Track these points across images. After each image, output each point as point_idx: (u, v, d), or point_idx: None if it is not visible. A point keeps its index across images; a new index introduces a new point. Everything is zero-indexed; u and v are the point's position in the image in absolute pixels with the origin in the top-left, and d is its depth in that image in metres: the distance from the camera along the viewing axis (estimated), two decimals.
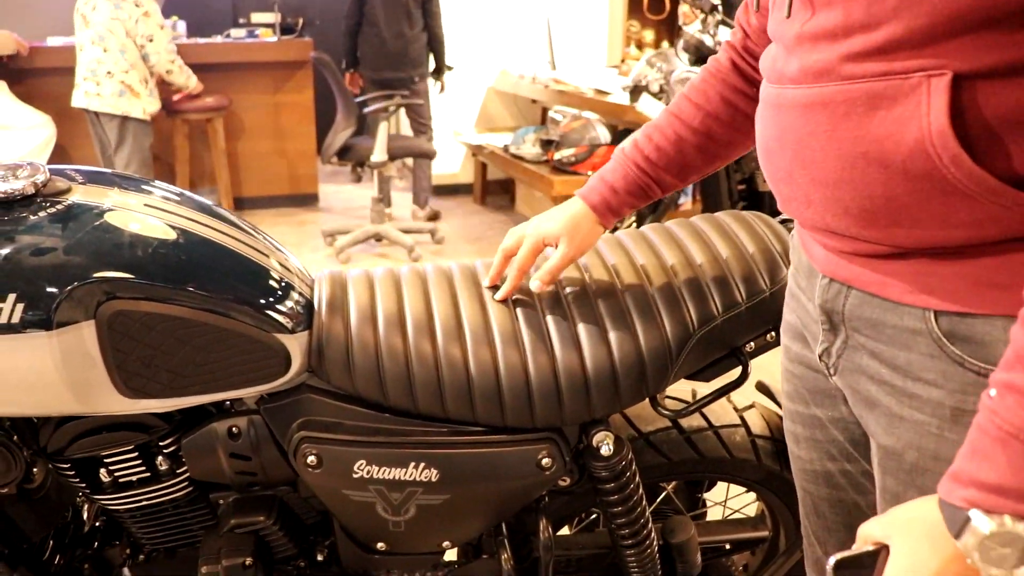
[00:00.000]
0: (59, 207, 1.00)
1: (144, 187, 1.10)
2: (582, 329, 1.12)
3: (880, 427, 0.80)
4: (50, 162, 4.84)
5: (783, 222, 1.27)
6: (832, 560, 0.70)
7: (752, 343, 1.17)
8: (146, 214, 1.04)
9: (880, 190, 0.70)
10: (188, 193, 1.14)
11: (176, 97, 4.84)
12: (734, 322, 1.13)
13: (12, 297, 0.93)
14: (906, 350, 0.75)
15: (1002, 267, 0.68)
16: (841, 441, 0.92)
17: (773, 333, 1.17)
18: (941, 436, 0.74)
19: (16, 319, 0.94)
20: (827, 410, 0.92)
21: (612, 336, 1.11)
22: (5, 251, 0.94)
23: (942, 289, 0.71)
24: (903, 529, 0.66)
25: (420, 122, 5.33)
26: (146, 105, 4.38)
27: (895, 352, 0.76)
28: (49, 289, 0.94)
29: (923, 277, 0.72)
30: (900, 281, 0.74)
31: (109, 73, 4.27)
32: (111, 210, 1.02)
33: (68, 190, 1.02)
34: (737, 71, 1.05)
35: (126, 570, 1.26)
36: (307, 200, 5.85)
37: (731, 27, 3.28)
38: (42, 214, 0.98)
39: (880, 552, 0.68)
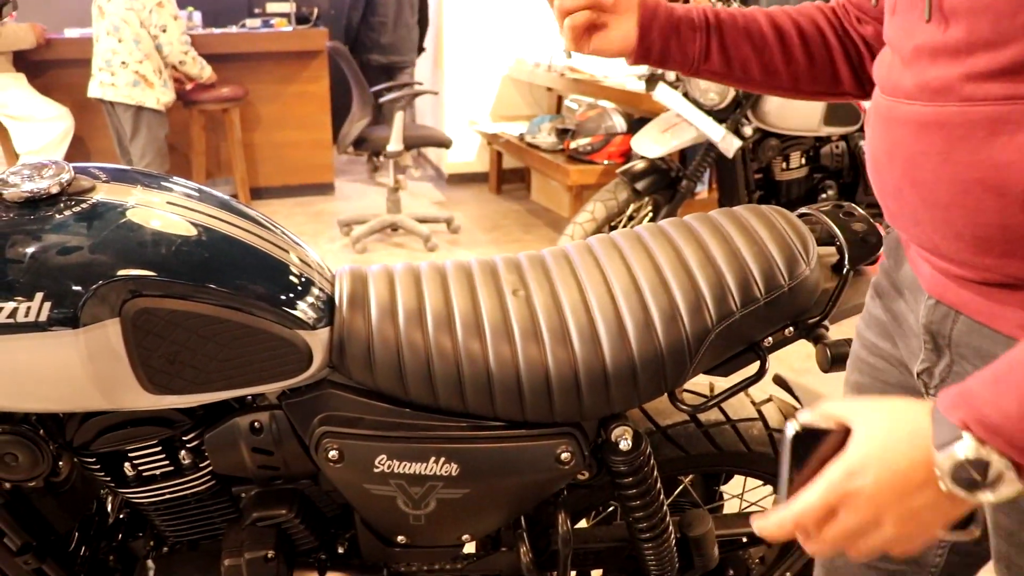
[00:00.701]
0: (84, 206, 1.01)
1: (166, 184, 1.11)
2: (601, 324, 1.12)
3: None
4: (68, 152, 4.88)
5: (802, 216, 1.27)
6: (791, 428, 0.71)
7: (770, 338, 1.17)
8: (169, 212, 1.05)
9: (995, 219, 0.67)
10: (208, 189, 1.15)
11: (188, 87, 4.86)
12: (752, 317, 1.13)
13: (40, 296, 0.95)
14: None
15: None
16: None
17: (791, 328, 1.17)
18: None
19: (44, 317, 0.95)
20: None
21: (631, 331, 1.11)
22: (32, 250, 0.96)
23: None
24: (884, 423, 0.66)
25: None
26: (160, 95, 4.41)
27: None
28: (75, 288, 0.96)
29: None
30: (1013, 314, 0.71)
31: (123, 63, 4.30)
32: (135, 208, 1.03)
33: (92, 188, 1.04)
34: (834, 14, 1.02)
35: (150, 562, 1.28)
36: (323, 190, 5.87)
37: None
38: (67, 213, 0.99)
39: (833, 432, 0.69)
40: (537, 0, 5.90)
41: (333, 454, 1.11)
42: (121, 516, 1.33)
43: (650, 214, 3.24)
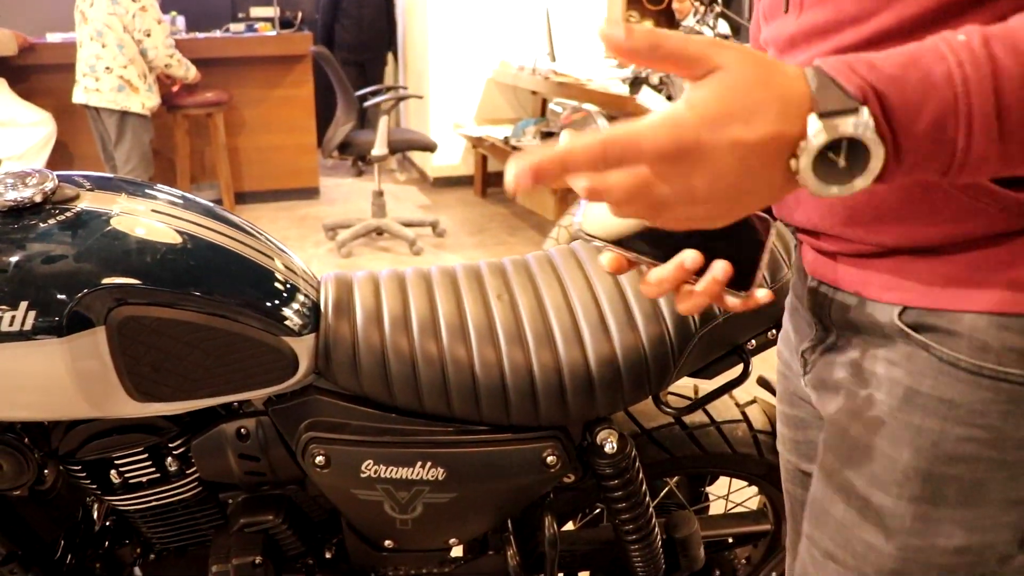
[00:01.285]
0: (68, 214, 1.01)
1: (150, 192, 1.11)
2: (586, 328, 1.13)
3: (835, 405, 0.80)
4: (51, 158, 4.85)
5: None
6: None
7: (754, 341, 1.18)
8: (153, 220, 1.05)
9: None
10: (193, 196, 1.16)
11: (175, 89, 4.84)
12: (735, 321, 1.14)
13: (24, 305, 0.95)
14: (877, 338, 0.75)
15: (978, 265, 0.67)
16: (817, 443, 0.93)
17: (775, 331, 1.18)
18: (891, 415, 0.73)
19: (28, 326, 0.95)
20: (806, 411, 0.92)
21: (616, 335, 1.12)
22: (16, 259, 0.96)
23: (916, 288, 0.70)
24: (754, 75, 0.53)
25: None
26: (145, 100, 4.39)
27: (867, 343, 0.76)
28: (60, 296, 0.96)
29: (901, 275, 0.72)
30: (879, 279, 0.73)
31: (108, 68, 4.28)
32: (119, 216, 1.03)
33: (76, 197, 1.04)
34: None
35: (137, 569, 1.28)
36: (308, 194, 5.86)
37: (730, 20, 3.27)
38: (51, 222, 0.99)
39: None
40: (521, 3, 5.91)
41: (320, 460, 1.12)
42: (107, 523, 1.33)
43: None
